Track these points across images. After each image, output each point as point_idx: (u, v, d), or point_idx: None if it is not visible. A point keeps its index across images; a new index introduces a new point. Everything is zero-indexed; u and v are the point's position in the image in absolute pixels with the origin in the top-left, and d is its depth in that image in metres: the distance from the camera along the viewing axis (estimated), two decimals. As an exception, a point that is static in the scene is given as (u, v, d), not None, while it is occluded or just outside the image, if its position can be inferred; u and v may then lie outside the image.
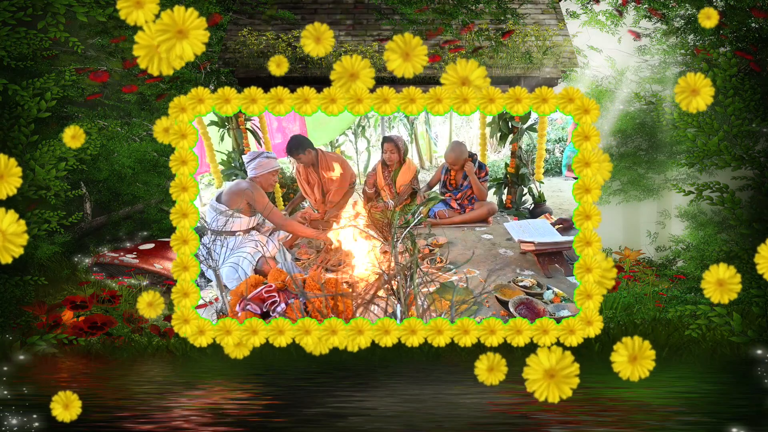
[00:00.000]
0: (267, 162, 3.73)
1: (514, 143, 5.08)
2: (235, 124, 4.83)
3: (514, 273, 3.46)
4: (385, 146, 4.78)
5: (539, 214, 4.83)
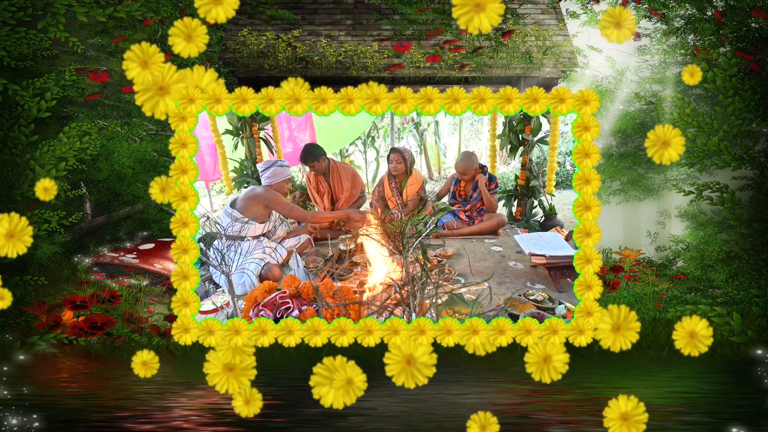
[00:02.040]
0: (281, 171, 3.86)
1: (525, 156, 5.09)
2: (248, 132, 4.98)
3: (524, 286, 3.40)
4: (392, 157, 4.82)
5: (550, 227, 4.82)
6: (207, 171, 5.59)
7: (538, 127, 5.01)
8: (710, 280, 3.34)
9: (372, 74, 4.14)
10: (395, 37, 4.36)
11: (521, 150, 5.10)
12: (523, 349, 1.93)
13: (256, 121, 4.99)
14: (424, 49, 4.26)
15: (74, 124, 3.31)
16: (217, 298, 3.11)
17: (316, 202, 4.71)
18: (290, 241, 3.97)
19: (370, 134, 9.01)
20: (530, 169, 5.09)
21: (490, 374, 2.61)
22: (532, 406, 2.31)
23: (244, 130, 4.98)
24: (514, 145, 5.12)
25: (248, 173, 5.10)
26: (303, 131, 6.50)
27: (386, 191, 4.93)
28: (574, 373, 2.48)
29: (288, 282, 2.97)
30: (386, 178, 4.96)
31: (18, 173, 3.15)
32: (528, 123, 4.99)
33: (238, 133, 5.04)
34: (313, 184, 4.64)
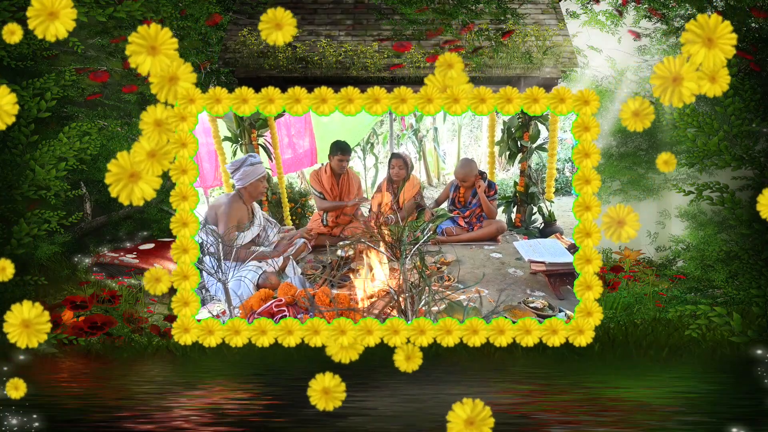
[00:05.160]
0: (252, 170, 3.47)
1: (524, 162, 5.08)
2: (247, 139, 4.96)
3: (524, 293, 3.37)
4: (393, 162, 4.85)
5: (550, 233, 4.81)
6: (206, 177, 5.58)
7: (537, 134, 5.01)
8: (710, 280, 3.34)
9: (372, 74, 4.13)
10: (395, 37, 4.36)
11: (520, 156, 5.12)
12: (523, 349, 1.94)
13: (255, 128, 4.97)
14: (424, 49, 4.26)
15: (74, 124, 3.30)
16: (213, 307, 3.08)
17: (323, 195, 4.74)
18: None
19: (369, 140, 9.03)
20: (529, 175, 5.10)
21: (490, 374, 2.61)
22: (532, 406, 2.31)
23: (243, 136, 4.96)
24: (512, 152, 5.14)
25: None
26: (302, 137, 6.49)
27: (383, 197, 4.94)
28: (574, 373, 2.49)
29: (284, 290, 2.95)
30: (384, 185, 4.99)
31: (18, 173, 3.15)
32: (527, 129, 5.01)
33: (237, 140, 5.03)
34: (327, 181, 4.68)
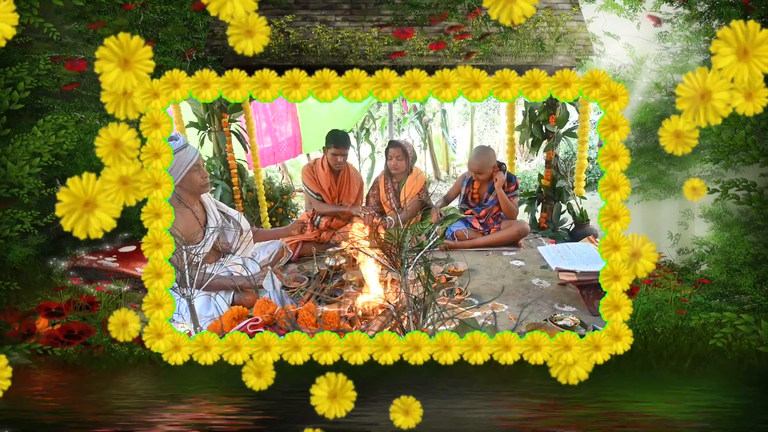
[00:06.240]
0: (178, 159, 3.01)
1: (549, 151, 4.79)
2: (217, 125, 4.60)
3: (551, 309, 3.20)
4: (391, 152, 4.60)
5: (581, 236, 4.53)
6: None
7: (565, 117, 4.68)
8: (736, 286, 3.33)
9: (371, 63, 4.13)
10: (396, 22, 4.34)
11: (545, 144, 4.80)
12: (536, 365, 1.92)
13: (226, 112, 4.58)
14: (427, 36, 4.25)
15: (49, 117, 3.28)
16: (176, 327, 2.97)
17: (312, 204, 4.54)
18: (260, 254, 3.67)
19: (364, 126, 8.32)
20: (556, 166, 4.79)
21: (499, 386, 2.60)
22: (545, 421, 2.31)
23: (211, 122, 4.61)
24: (536, 138, 4.80)
25: (217, 174, 4.79)
26: (284, 123, 6.03)
27: (381, 193, 4.73)
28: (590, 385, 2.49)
29: (261, 307, 2.79)
30: (382, 179, 4.76)
31: (-12, 170, 3.15)
32: (553, 112, 4.66)
33: (205, 126, 4.66)
34: (324, 179, 4.48)
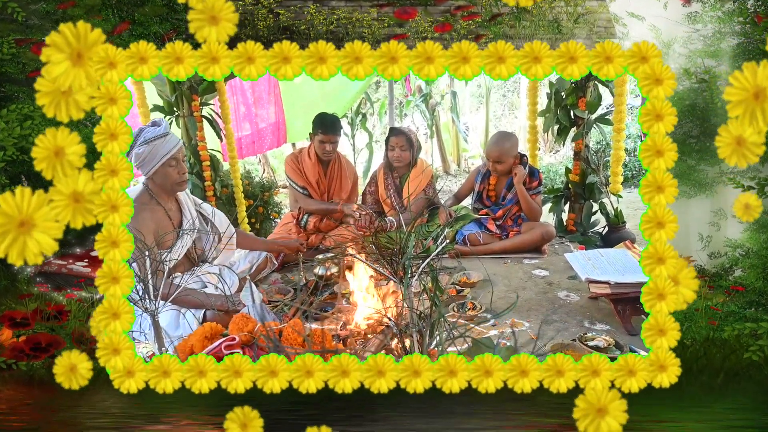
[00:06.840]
0: (150, 149, 2.82)
1: (579, 140, 4.50)
2: (187, 109, 4.33)
3: (580, 327, 3.03)
4: (392, 141, 4.38)
5: (616, 241, 4.23)
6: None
7: (597, 100, 4.38)
8: (774, 293, 3.29)
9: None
10: (397, 2, 4.22)
11: (573, 132, 4.52)
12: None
13: (197, 93, 4.29)
14: (432, 17, 4.14)
15: (13, 106, 3.22)
16: (138, 346, 2.78)
17: (298, 199, 4.34)
18: (241, 264, 3.52)
19: (360, 110, 7.72)
20: (587, 158, 4.50)
21: (511, 405, 2.55)
22: (560, 446, 2.22)
23: (179, 105, 4.32)
24: (563, 126, 4.51)
25: (186, 166, 4.63)
26: (265, 106, 5.64)
27: (380, 190, 4.54)
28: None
29: (238, 324, 2.60)
30: (381, 172, 4.56)
31: (-54, 165, 3.09)
32: (583, 94, 4.35)
33: (172, 111, 4.36)
34: (311, 171, 4.28)
